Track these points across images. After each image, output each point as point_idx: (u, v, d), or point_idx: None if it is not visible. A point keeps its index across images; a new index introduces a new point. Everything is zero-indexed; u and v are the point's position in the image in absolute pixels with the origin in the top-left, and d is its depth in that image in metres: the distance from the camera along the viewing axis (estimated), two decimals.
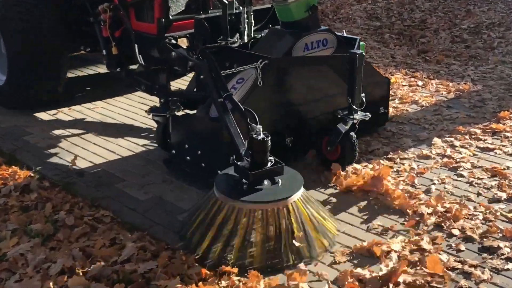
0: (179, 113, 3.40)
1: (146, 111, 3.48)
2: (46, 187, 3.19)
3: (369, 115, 3.24)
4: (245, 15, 3.45)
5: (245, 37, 3.48)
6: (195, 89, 3.49)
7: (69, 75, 4.89)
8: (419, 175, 3.31)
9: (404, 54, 6.13)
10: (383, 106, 3.81)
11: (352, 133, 3.23)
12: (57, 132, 4.07)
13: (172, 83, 4.23)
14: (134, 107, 4.52)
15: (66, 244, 2.60)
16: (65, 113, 4.42)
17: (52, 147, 3.83)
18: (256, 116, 2.67)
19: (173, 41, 3.38)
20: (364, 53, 3.17)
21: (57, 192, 3.12)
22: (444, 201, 2.93)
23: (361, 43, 3.55)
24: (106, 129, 4.08)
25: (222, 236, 2.41)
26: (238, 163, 2.54)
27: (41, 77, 4.19)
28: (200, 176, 3.07)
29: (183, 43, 3.57)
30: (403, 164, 3.42)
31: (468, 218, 2.80)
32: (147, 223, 2.83)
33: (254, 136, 2.50)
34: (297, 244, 2.42)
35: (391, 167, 3.36)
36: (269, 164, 2.51)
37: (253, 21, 3.53)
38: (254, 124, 2.60)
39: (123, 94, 4.81)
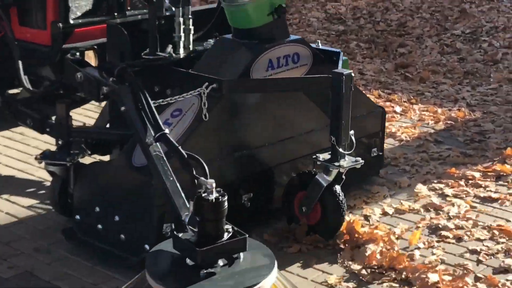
0: (84, 161, 2.79)
1: (35, 158, 2.80)
2: None
3: (361, 160, 2.67)
4: (181, 19, 2.86)
5: (181, 50, 2.89)
6: (108, 125, 2.97)
7: None
8: (398, 238, 2.69)
9: (376, 69, 5.15)
10: (376, 147, 3.16)
11: (337, 187, 2.61)
12: None
13: (73, 114, 3.37)
14: (15, 151, 3.59)
15: None
16: None
17: None
18: (205, 165, 2.07)
19: (77, 56, 2.85)
20: (352, 74, 2.63)
21: None
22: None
23: (343, 57, 3.03)
24: None
25: None
26: (180, 235, 1.97)
27: None
28: (119, 254, 2.49)
29: (91, 58, 3.10)
30: (377, 223, 2.80)
31: None
32: None
33: (203, 195, 1.91)
34: None
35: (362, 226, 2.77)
36: (226, 235, 1.93)
37: (192, 27, 2.93)
38: (202, 178, 1.99)
39: None
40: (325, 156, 2.62)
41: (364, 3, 6.69)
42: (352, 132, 2.62)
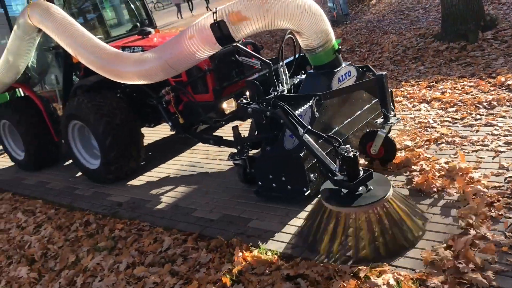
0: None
1: (228, 159, 4.25)
2: (100, 218, 4.43)
3: (400, 118, 3.91)
4: (281, 69, 4.03)
5: (286, 85, 4.05)
6: (256, 133, 4.19)
7: None
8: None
9: None
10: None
11: (389, 135, 3.89)
12: (98, 183, 5.32)
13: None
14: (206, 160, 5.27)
15: (125, 249, 3.79)
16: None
17: (96, 193, 5.07)
18: (339, 139, 3.25)
19: (244, 100, 3.97)
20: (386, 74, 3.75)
21: (109, 219, 4.35)
22: None
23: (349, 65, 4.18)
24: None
25: (337, 238, 3.01)
26: (335, 178, 3.13)
27: (126, 148, 4.92)
28: (289, 196, 3.76)
29: (232, 103, 4.53)
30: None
31: None
32: (172, 224, 4.02)
33: (345, 154, 3.06)
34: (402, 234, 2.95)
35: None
36: (361, 173, 3.06)
37: (286, 72, 4.11)
38: (342, 146, 3.15)
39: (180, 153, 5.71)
40: (380, 120, 3.74)
41: None
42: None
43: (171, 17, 25.78)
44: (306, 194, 3.64)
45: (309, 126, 3.45)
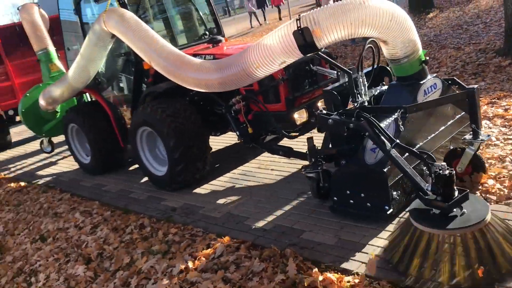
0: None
1: (302, 171, 4.15)
2: (155, 221, 4.51)
3: (490, 136, 3.66)
4: (361, 79, 3.86)
5: (365, 96, 3.88)
6: (330, 145, 4.00)
7: None
8: None
9: None
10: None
11: (478, 153, 3.71)
12: (152, 187, 5.44)
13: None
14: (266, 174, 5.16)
15: (178, 254, 3.84)
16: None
17: (150, 198, 5.18)
18: (432, 155, 3.02)
19: (322, 111, 3.77)
20: (478, 87, 3.63)
21: (163, 223, 4.43)
22: None
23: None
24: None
25: (429, 260, 2.79)
26: (426, 197, 2.93)
27: (194, 161, 4.89)
28: (367, 214, 3.55)
29: (303, 114, 4.50)
30: None
31: None
32: (225, 231, 4.05)
33: (441, 172, 2.85)
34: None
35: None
36: (456, 193, 2.86)
37: (366, 82, 3.92)
38: (435, 163, 2.94)
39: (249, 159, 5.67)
40: (469, 136, 3.58)
41: None
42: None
43: (238, 25, 26.11)
44: (388, 212, 3.42)
45: (398, 140, 3.22)
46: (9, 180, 7.14)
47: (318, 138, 4.31)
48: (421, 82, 3.72)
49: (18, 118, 8.18)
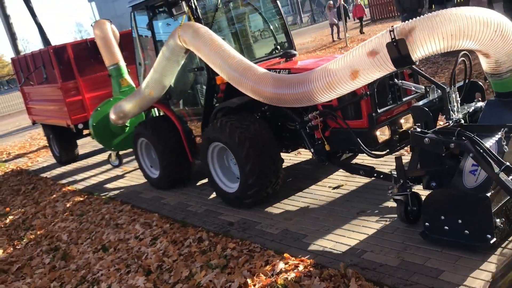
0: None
1: (388, 193, 3.85)
2: (212, 236, 4.56)
3: None
4: (453, 95, 3.68)
5: (458, 114, 3.69)
6: (418, 166, 3.73)
7: None
8: None
9: None
10: None
11: None
12: (209, 201, 5.50)
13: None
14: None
15: (237, 269, 3.85)
16: None
17: (207, 211, 5.25)
18: None
19: (417, 129, 3.54)
20: None
21: (220, 238, 4.46)
22: None
23: None
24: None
25: None
26: None
27: (267, 173, 4.72)
28: (465, 242, 3.26)
29: (386, 131, 4.24)
30: None
31: None
32: (283, 248, 4.01)
33: None
34: None
35: None
36: None
37: (458, 98, 3.74)
38: None
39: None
40: None
41: None
42: None
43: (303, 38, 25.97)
44: (491, 242, 3.13)
45: (508, 163, 2.92)
46: (73, 192, 7.44)
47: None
48: None
49: (85, 132, 8.48)
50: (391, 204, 4.31)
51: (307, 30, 34.64)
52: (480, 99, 4.08)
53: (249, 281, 3.60)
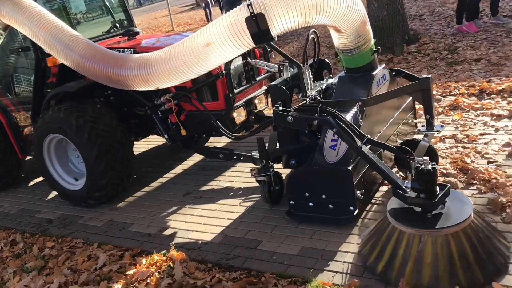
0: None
1: (251, 175, 3.73)
2: (28, 236, 4.15)
3: (445, 127, 3.64)
4: (307, 72, 3.72)
5: (312, 91, 3.78)
6: (278, 145, 3.73)
7: None
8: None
9: None
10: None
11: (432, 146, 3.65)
12: (25, 199, 4.99)
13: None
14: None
15: (56, 269, 3.57)
16: None
17: (23, 211, 4.75)
18: (410, 150, 2.74)
19: (279, 108, 3.45)
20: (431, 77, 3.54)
21: (38, 238, 4.09)
22: None
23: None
24: None
25: (425, 265, 2.50)
26: (406, 195, 2.68)
27: (119, 173, 4.34)
28: (330, 216, 3.28)
29: (242, 112, 4.17)
30: None
31: None
32: (107, 239, 3.85)
33: (422, 167, 2.59)
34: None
35: None
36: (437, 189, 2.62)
37: (311, 76, 3.82)
38: (416, 157, 2.67)
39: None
40: (422, 127, 3.50)
41: None
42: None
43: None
44: (354, 214, 3.20)
45: (369, 136, 2.98)
46: None
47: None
48: (373, 73, 3.58)
49: None
50: (217, 184, 4.44)
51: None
52: (329, 76, 4.24)
53: (70, 279, 3.38)
